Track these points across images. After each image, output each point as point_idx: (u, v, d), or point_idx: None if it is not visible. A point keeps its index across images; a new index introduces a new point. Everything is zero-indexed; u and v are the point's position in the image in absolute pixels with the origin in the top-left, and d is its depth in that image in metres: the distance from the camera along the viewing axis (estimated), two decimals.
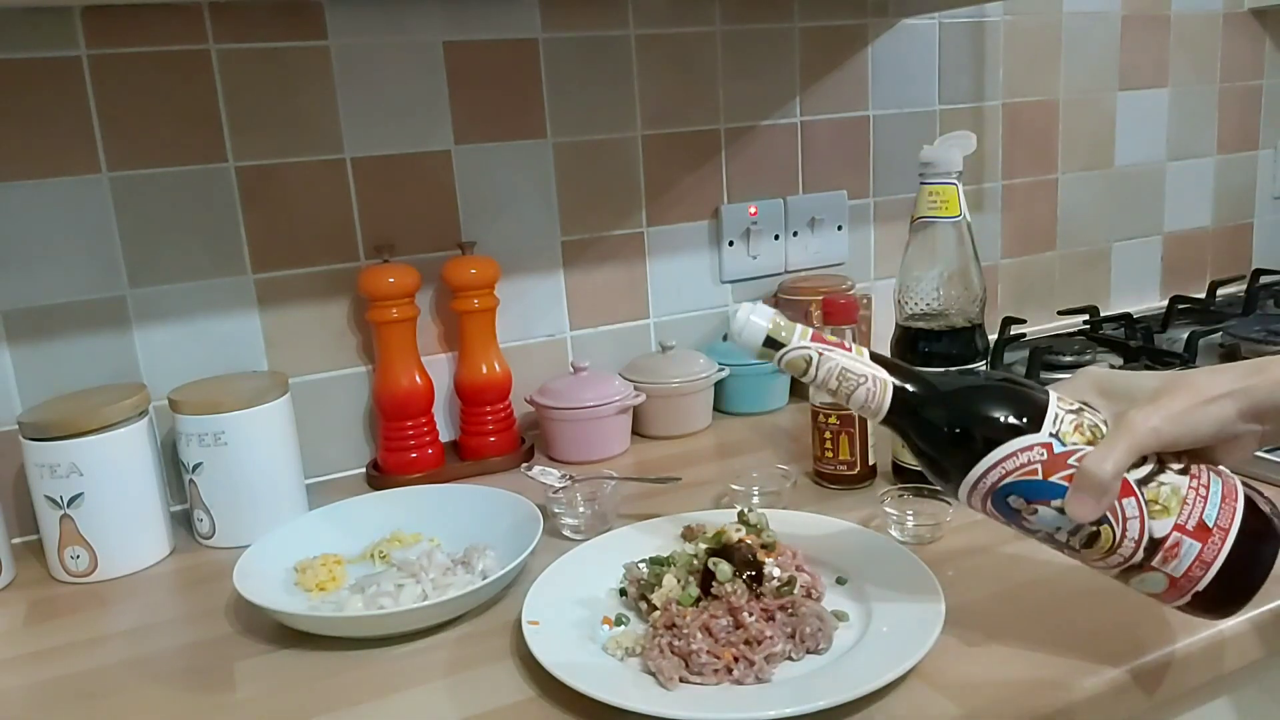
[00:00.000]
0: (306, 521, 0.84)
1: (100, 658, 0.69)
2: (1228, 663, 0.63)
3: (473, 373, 1.01)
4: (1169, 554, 0.53)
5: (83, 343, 0.91)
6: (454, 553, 0.78)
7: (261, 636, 0.70)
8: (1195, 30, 1.46)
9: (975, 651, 0.61)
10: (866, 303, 1.19)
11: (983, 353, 0.83)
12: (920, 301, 0.82)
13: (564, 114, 1.06)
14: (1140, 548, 0.53)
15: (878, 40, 1.22)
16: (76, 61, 0.86)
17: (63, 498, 0.80)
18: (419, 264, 0.98)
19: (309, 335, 0.99)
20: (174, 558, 0.86)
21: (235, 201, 0.94)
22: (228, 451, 0.85)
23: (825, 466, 0.89)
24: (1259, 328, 1.16)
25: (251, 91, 0.93)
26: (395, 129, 0.99)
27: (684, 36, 1.11)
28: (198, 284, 0.94)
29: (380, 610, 0.68)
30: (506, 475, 0.98)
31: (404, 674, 0.64)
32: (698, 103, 1.13)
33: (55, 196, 0.88)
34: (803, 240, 1.22)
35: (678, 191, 1.14)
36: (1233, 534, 0.52)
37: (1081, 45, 1.37)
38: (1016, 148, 1.35)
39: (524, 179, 1.06)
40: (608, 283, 1.12)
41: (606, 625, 0.67)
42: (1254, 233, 1.61)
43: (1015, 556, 0.74)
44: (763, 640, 0.60)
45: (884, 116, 1.25)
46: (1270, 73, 1.55)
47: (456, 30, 1.00)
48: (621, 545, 0.76)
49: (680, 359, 1.07)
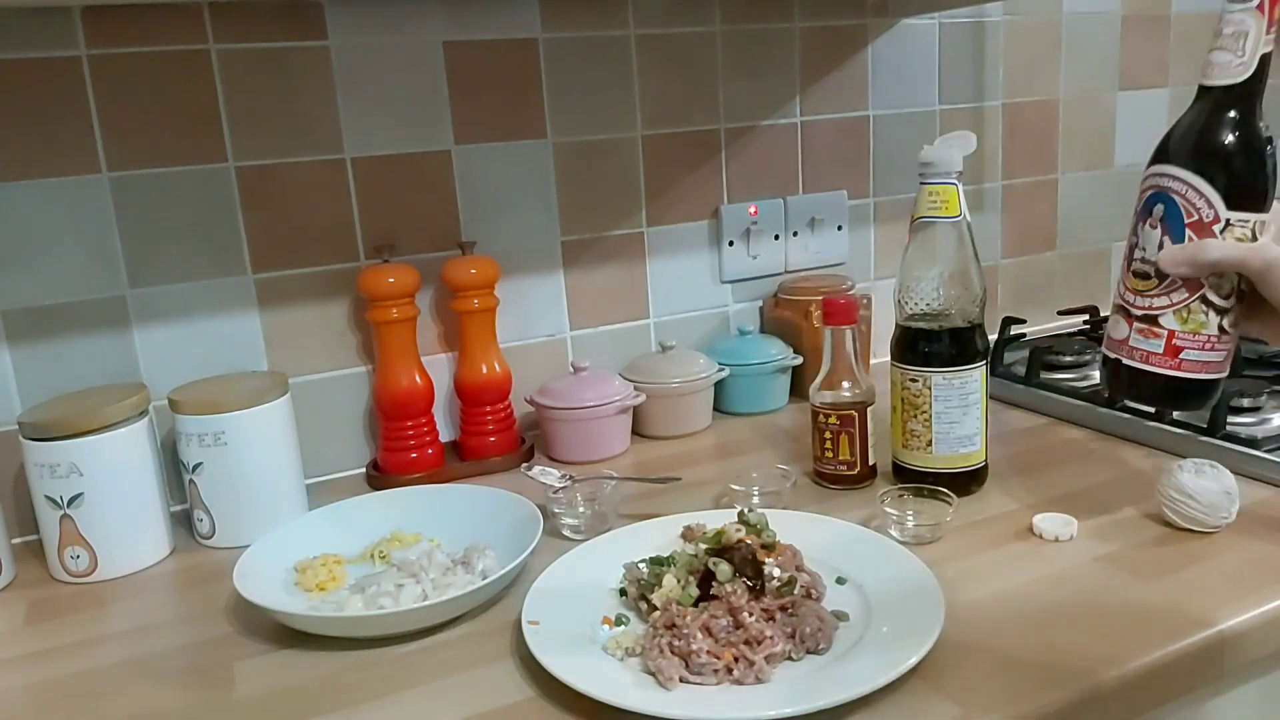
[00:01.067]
0: (306, 521, 0.84)
1: (100, 658, 0.69)
2: (1227, 663, 0.63)
3: (473, 373, 1.01)
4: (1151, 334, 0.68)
5: (83, 343, 0.91)
6: (454, 553, 0.78)
7: (261, 636, 0.70)
8: (1195, 30, 1.46)
9: (975, 651, 0.61)
10: (866, 303, 1.19)
11: (983, 353, 0.83)
12: (920, 301, 0.82)
13: (564, 114, 1.06)
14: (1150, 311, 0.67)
15: (878, 40, 1.22)
16: (76, 61, 0.86)
17: (63, 498, 0.80)
18: (419, 264, 0.98)
19: (309, 335, 0.99)
20: (174, 558, 0.86)
21: (235, 201, 0.94)
22: (228, 451, 0.85)
23: (825, 466, 0.89)
24: None
25: (251, 91, 0.93)
26: (395, 129, 0.99)
27: (684, 36, 1.11)
28: (198, 284, 0.94)
29: (380, 610, 0.68)
30: (506, 475, 0.98)
31: (404, 674, 0.64)
32: (698, 103, 1.13)
33: (55, 196, 0.88)
34: (803, 240, 1.22)
35: (678, 191, 1.14)
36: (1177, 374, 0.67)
37: (1081, 45, 1.37)
38: (1016, 148, 1.35)
39: (524, 179, 1.06)
40: (608, 283, 1.12)
41: (606, 625, 0.67)
42: None
43: (1015, 556, 0.74)
44: (763, 640, 0.60)
45: (884, 116, 1.25)
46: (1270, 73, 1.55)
47: (456, 30, 1.00)
48: (621, 545, 0.76)
49: (680, 359, 1.07)
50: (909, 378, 0.84)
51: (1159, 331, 0.67)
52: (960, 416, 0.83)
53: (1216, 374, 0.68)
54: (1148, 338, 0.68)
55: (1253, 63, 0.62)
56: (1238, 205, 0.63)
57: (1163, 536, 0.75)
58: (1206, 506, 0.74)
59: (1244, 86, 0.63)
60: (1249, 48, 0.62)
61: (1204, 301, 0.65)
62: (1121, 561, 0.72)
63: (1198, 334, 0.66)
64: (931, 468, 0.84)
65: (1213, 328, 0.66)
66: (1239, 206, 0.63)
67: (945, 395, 0.82)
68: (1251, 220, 0.63)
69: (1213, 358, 0.67)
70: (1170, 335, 0.66)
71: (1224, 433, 0.89)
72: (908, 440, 0.85)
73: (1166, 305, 0.66)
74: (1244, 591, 0.66)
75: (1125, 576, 0.70)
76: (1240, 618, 0.63)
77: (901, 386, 0.84)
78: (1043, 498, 0.84)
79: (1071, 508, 0.80)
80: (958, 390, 0.82)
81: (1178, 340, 0.66)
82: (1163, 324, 0.67)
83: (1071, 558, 0.73)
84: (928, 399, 0.83)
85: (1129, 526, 0.77)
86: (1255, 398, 0.94)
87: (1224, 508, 0.74)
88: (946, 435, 0.83)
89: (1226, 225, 0.63)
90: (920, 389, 0.83)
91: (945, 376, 0.82)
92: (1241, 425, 0.90)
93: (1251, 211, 0.63)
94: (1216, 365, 0.67)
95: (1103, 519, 0.79)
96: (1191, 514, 0.75)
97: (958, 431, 0.83)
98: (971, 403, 0.83)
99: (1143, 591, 0.67)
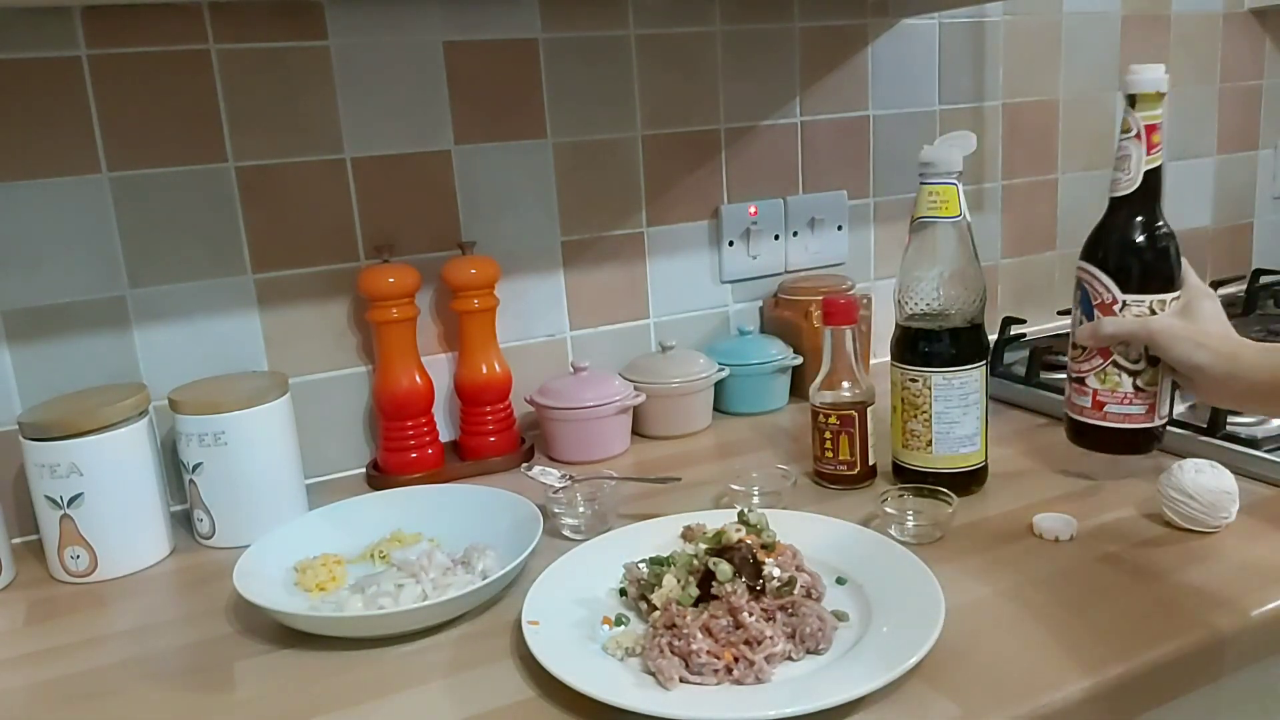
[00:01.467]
0: (306, 521, 0.84)
1: (100, 658, 0.69)
2: (1226, 664, 0.63)
3: (473, 373, 1.01)
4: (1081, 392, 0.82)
5: (83, 343, 0.91)
6: (454, 553, 0.77)
7: (261, 636, 0.70)
8: (1195, 30, 1.46)
9: (975, 651, 0.61)
10: (866, 303, 1.19)
11: (983, 353, 0.83)
12: (920, 301, 0.82)
13: (564, 114, 1.06)
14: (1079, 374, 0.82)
15: (878, 40, 1.22)
16: (76, 61, 0.86)
17: (63, 498, 0.80)
18: (419, 264, 0.98)
19: (309, 335, 0.99)
20: (174, 558, 0.86)
21: (235, 201, 0.94)
22: (228, 451, 0.85)
23: (825, 466, 0.89)
24: (1259, 328, 1.16)
25: (251, 91, 0.93)
26: (395, 129, 0.99)
27: (684, 36, 1.11)
28: (198, 284, 0.94)
29: (380, 610, 0.68)
30: (506, 475, 0.98)
31: (404, 674, 0.64)
32: (698, 103, 1.13)
33: (55, 196, 0.88)
34: (803, 240, 1.22)
35: (678, 191, 1.14)
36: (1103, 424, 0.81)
37: (1081, 45, 1.37)
38: (1016, 148, 1.35)
39: (524, 179, 1.06)
40: (608, 283, 1.12)
41: (606, 625, 0.67)
42: (1254, 233, 1.61)
43: (1015, 556, 0.74)
44: (763, 640, 0.60)
45: (884, 116, 1.25)
46: (1270, 73, 1.55)
47: (456, 30, 1.00)
48: (621, 545, 0.76)
49: (680, 359, 1.07)
50: (909, 378, 0.84)
51: (1085, 390, 0.81)
52: (960, 416, 0.83)
53: (1141, 424, 0.80)
54: (1079, 395, 0.82)
55: (1138, 178, 0.78)
56: (1134, 289, 0.78)
57: (1163, 536, 0.75)
58: (1206, 506, 0.74)
59: (1135, 196, 0.79)
60: (1134, 167, 0.79)
61: (1116, 365, 0.79)
62: (1121, 561, 0.72)
63: (1115, 391, 0.80)
64: (931, 468, 0.84)
65: (1127, 386, 0.79)
66: (1134, 290, 0.78)
67: (945, 395, 0.82)
68: (1148, 300, 0.78)
69: (1132, 410, 0.80)
70: (1094, 393, 0.81)
71: (1224, 433, 0.89)
72: (908, 440, 0.85)
73: (1089, 369, 0.81)
74: (1244, 591, 0.66)
75: (1125, 576, 0.70)
76: (1240, 618, 0.63)
77: (901, 386, 0.84)
78: (1043, 498, 0.84)
79: (1071, 508, 0.80)
80: (958, 390, 0.82)
81: (1100, 396, 0.80)
82: (1088, 384, 0.81)
83: (1071, 558, 0.73)
84: (928, 399, 0.83)
85: (1129, 526, 0.77)
86: None
87: (1224, 508, 0.74)
88: (946, 435, 0.83)
89: (1124, 305, 0.78)
90: (920, 389, 0.83)
91: (945, 376, 0.82)
92: (1241, 425, 0.90)
93: (1149, 293, 0.78)
94: (1138, 417, 0.80)
95: (1103, 519, 0.79)
96: (1191, 514, 0.75)
97: (958, 431, 0.83)
98: (971, 403, 0.83)
99: (1143, 591, 0.67)
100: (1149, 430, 0.81)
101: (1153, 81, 0.77)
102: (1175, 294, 0.79)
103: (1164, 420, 0.81)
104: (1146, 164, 0.78)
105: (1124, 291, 0.78)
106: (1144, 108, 0.77)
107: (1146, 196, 0.79)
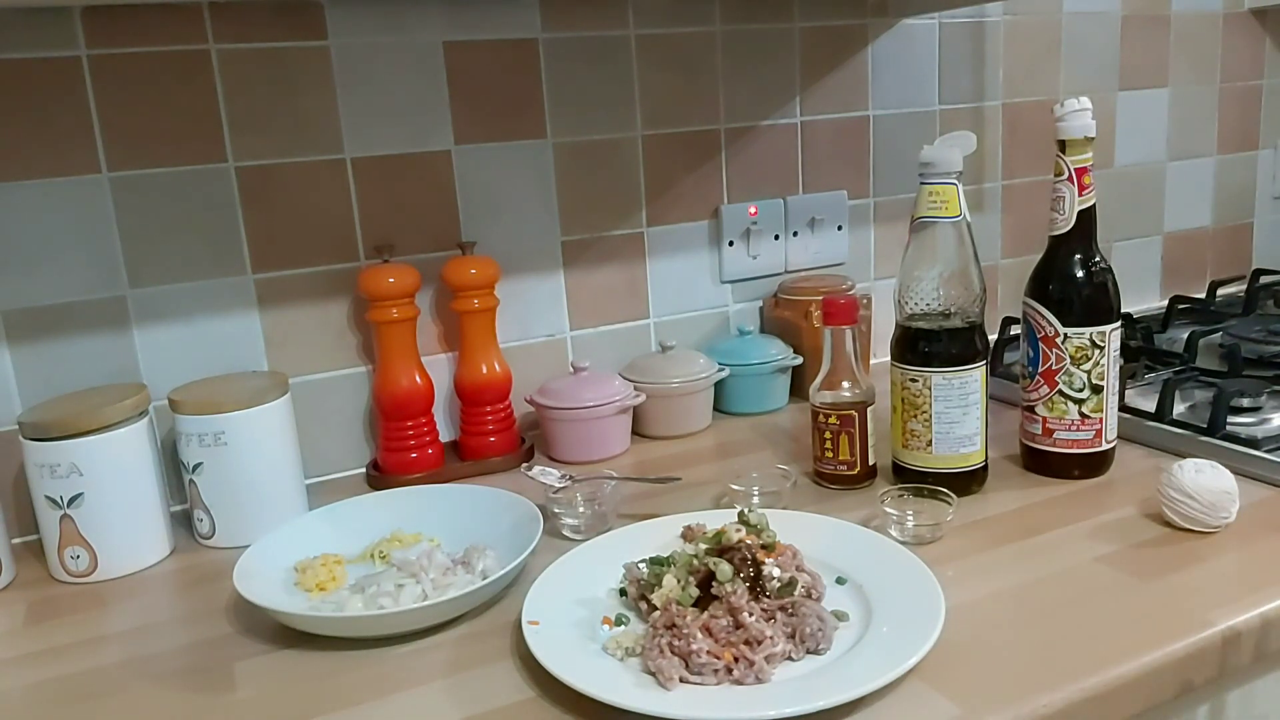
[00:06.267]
0: (306, 521, 0.84)
1: (100, 658, 0.69)
2: (1227, 663, 0.63)
3: (473, 373, 1.01)
4: (1032, 420, 0.87)
5: (83, 343, 0.91)
6: (454, 553, 0.78)
7: (261, 636, 0.70)
8: (1195, 30, 1.46)
9: (975, 651, 0.61)
10: (866, 303, 1.19)
11: (983, 353, 0.83)
12: (920, 301, 0.83)
13: (564, 114, 1.06)
14: (1029, 403, 0.87)
15: (878, 40, 1.22)
16: (76, 61, 0.86)
17: (63, 498, 0.80)
18: (419, 264, 0.98)
19: (309, 335, 0.99)
20: (174, 558, 0.86)
21: (235, 201, 0.94)
22: (228, 451, 0.85)
23: (825, 466, 0.89)
24: (1259, 328, 1.16)
25: (251, 91, 0.93)
26: (395, 129, 0.99)
27: (684, 36, 1.11)
28: (198, 284, 0.94)
29: (380, 610, 0.68)
30: (506, 475, 0.98)
31: (404, 674, 0.64)
32: (698, 103, 1.13)
33: (55, 196, 0.88)
34: (803, 240, 1.22)
35: (678, 191, 1.14)
36: (1054, 449, 0.87)
37: (1081, 45, 1.37)
38: (1016, 148, 1.35)
39: (524, 179, 1.06)
40: (608, 283, 1.12)
41: (606, 625, 0.67)
42: (1254, 232, 1.61)
43: (1015, 556, 0.74)
44: (763, 640, 0.60)
45: (884, 116, 1.25)
46: (1270, 73, 1.55)
47: (456, 30, 1.00)
48: (621, 545, 0.76)
49: (680, 359, 1.07)
50: (909, 378, 0.84)
51: (1036, 418, 0.87)
52: (960, 416, 0.83)
53: (1089, 449, 0.85)
54: (1030, 423, 0.88)
55: (1072, 218, 0.83)
56: (1074, 322, 0.83)
57: (1163, 536, 0.75)
58: (1206, 506, 0.74)
59: (1071, 234, 0.83)
60: (1068, 208, 0.83)
61: (1061, 394, 0.84)
62: (1121, 561, 0.72)
63: (1062, 419, 0.85)
64: (931, 468, 0.84)
65: (1074, 414, 0.84)
66: (1074, 323, 0.83)
67: (945, 395, 0.82)
68: (1087, 331, 0.83)
69: (1080, 436, 0.85)
70: (1044, 420, 0.86)
71: (1224, 433, 0.89)
72: (908, 440, 0.85)
73: (1037, 398, 0.86)
74: (1244, 591, 0.66)
75: (1125, 576, 0.70)
76: (1240, 618, 0.63)
77: (901, 386, 0.85)
78: (1042, 498, 0.84)
79: (1071, 508, 0.80)
80: (958, 390, 0.82)
81: (1049, 424, 0.86)
82: (1038, 412, 0.86)
83: (1071, 558, 0.73)
84: (928, 399, 0.83)
85: (1129, 526, 0.77)
86: (1255, 398, 0.94)
87: (1224, 508, 0.74)
88: (946, 435, 0.83)
89: (1065, 338, 0.83)
90: (920, 389, 0.83)
91: (945, 376, 0.82)
92: (1241, 425, 0.90)
93: (1089, 325, 0.83)
94: (1086, 442, 0.85)
95: (1103, 519, 0.79)
96: (1191, 514, 0.75)
97: (958, 431, 0.83)
98: (971, 403, 0.83)
99: (1143, 591, 0.67)
100: (1099, 454, 0.86)
101: (1080, 128, 0.81)
102: (1115, 324, 0.83)
103: (1112, 443, 0.86)
104: (1080, 204, 0.83)
105: (1065, 325, 0.83)
106: (1073, 153, 0.82)
107: (1082, 235, 0.83)
